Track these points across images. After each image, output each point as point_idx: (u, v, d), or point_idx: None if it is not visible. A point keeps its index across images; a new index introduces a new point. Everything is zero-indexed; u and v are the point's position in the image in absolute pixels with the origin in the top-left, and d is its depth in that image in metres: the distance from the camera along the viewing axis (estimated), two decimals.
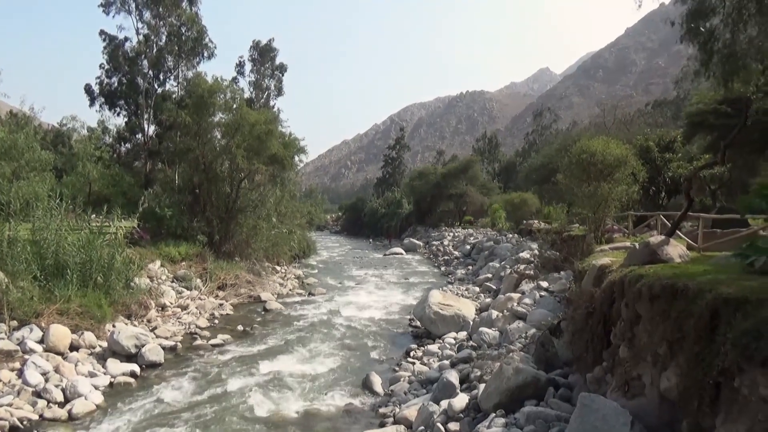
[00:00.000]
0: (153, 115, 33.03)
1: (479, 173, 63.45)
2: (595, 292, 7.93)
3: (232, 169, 24.81)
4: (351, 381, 11.50)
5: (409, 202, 65.74)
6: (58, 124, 41.56)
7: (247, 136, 23.61)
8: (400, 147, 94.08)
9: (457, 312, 15.30)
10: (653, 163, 24.01)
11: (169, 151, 29.61)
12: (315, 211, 51.27)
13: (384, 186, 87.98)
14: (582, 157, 15.37)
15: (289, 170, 28.72)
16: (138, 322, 14.68)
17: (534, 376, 7.98)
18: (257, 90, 46.88)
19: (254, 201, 25.79)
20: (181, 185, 26.62)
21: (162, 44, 33.15)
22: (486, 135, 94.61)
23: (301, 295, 22.52)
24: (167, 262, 20.15)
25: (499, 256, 27.72)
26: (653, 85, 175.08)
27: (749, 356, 3.98)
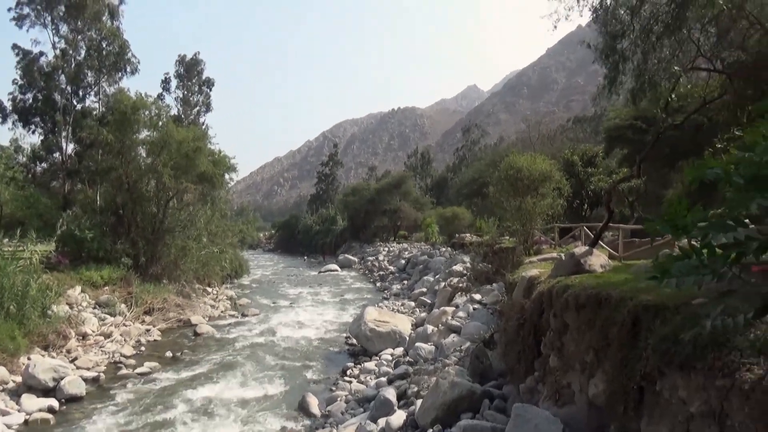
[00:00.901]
0: (72, 133, 31.39)
1: (412, 188, 64.35)
2: (526, 303, 8.15)
3: (158, 189, 23.85)
4: (286, 403, 11.23)
5: (344, 218, 65.66)
6: None
7: (175, 154, 22.83)
8: (333, 163, 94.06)
9: (393, 328, 15.31)
10: (577, 177, 25.16)
11: (90, 170, 28.18)
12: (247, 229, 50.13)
13: (318, 203, 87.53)
14: (510, 172, 15.88)
15: (219, 188, 28.00)
16: (56, 353, 13.75)
17: (469, 389, 8.06)
18: (185, 106, 45.62)
19: (183, 221, 24.88)
20: (103, 206, 25.36)
21: (81, 59, 31.70)
22: (418, 151, 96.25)
23: (233, 317, 21.87)
24: (89, 288, 19.02)
25: (433, 270, 28.07)
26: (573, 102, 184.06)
27: (669, 360, 4.17)
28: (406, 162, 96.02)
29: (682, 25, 9.01)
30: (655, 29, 8.98)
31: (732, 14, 8.82)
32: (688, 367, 3.96)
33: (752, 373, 3.30)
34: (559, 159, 24.38)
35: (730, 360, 3.52)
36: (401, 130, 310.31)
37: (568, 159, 26.37)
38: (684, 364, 4.00)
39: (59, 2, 30.47)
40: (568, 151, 28.15)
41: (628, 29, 9.21)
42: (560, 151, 28.84)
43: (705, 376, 3.72)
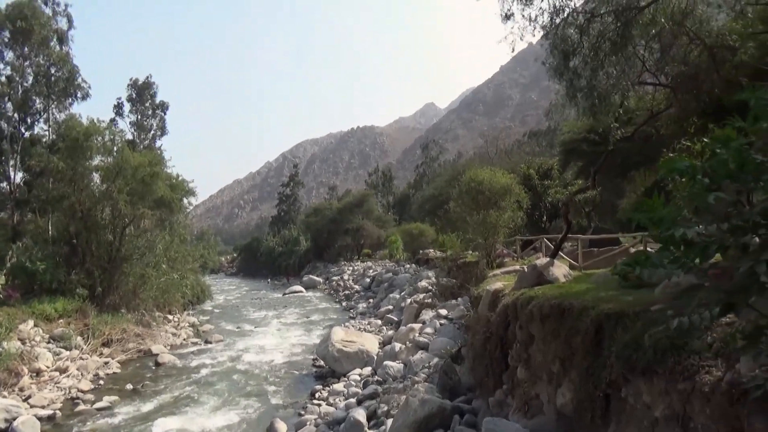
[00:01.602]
0: (20, 161, 30.27)
1: (374, 206, 64.51)
2: (491, 316, 8.22)
3: (114, 216, 23.17)
4: (254, 431, 10.96)
5: (307, 239, 65.17)
6: None
7: (130, 179, 22.29)
8: (294, 184, 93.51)
9: (361, 347, 15.20)
10: (534, 190, 25.70)
11: (40, 199, 27.17)
12: (208, 254, 49.27)
13: (280, 224, 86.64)
14: (471, 186, 16.11)
15: (177, 213, 27.41)
16: (8, 392, 13.08)
17: (440, 406, 8.04)
18: (139, 130, 44.67)
19: (141, 248, 24.20)
20: (55, 236, 24.44)
21: (28, 85, 30.73)
22: (378, 169, 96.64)
23: (196, 344, 21.31)
24: (42, 321, 18.22)
25: (399, 287, 28.08)
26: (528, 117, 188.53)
27: (632, 367, 4.26)
28: (367, 180, 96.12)
29: (628, 43, 9.39)
30: (603, 47, 9.34)
31: (673, 30, 9.24)
32: (650, 372, 4.05)
33: (711, 375, 3.40)
34: (518, 172, 24.88)
35: (690, 363, 3.62)
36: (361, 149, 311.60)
37: (525, 173, 26.94)
38: (646, 369, 4.09)
39: (3, 28, 29.55)
40: (524, 165, 28.77)
41: (578, 47, 9.54)
42: (518, 165, 29.46)
43: (667, 380, 3.81)
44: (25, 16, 28.99)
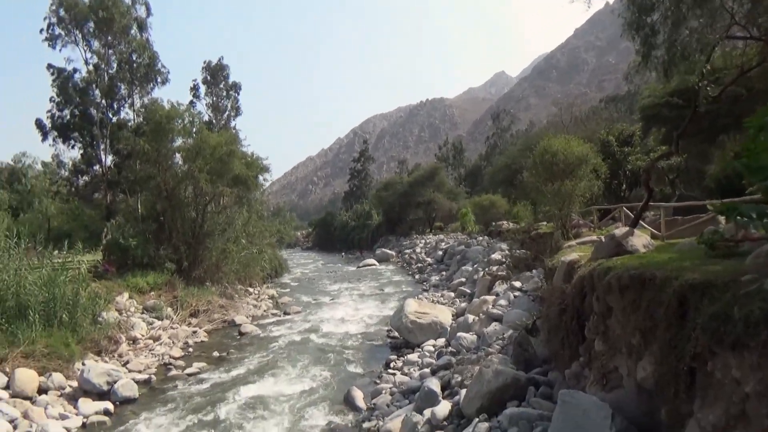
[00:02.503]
0: (110, 145, 32.34)
1: (445, 179, 63.95)
2: (566, 288, 8.02)
3: (196, 194, 24.39)
4: (332, 398, 11.36)
5: (379, 213, 65.79)
6: (12, 161, 40.36)
7: (209, 159, 23.28)
8: (364, 159, 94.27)
9: (434, 319, 15.30)
10: (613, 157, 24.59)
11: (129, 180, 28.98)
12: (284, 229, 50.76)
13: (352, 199, 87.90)
14: (545, 157, 15.64)
15: (254, 190, 28.40)
16: (109, 357, 14.22)
17: (514, 377, 8.00)
18: (215, 112, 46.40)
19: (221, 224, 25.39)
20: (144, 214, 26.04)
21: (113, 72, 32.58)
22: (448, 141, 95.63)
23: (276, 315, 22.22)
24: (135, 294, 19.62)
25: (471, 260, 27.90)
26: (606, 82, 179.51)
27: (719, 340, 4.05)
28: (437, 153, 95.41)
29: None
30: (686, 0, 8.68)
31: None
32: (740, 346, 3.84)
33: None
34: (595, 140, 23.85)
35: None
36: (431, 122, 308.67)
37: (604, 139, 25.79)
38: (736, 342, 3.88)
39: (88, 19, 31.32)
40: (604, 132, 27.53)
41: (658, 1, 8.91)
42: (595, 133, 28.19)
43: (759, 354, 3.60)
44: (106, 7, 30.62)
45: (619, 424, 5.26)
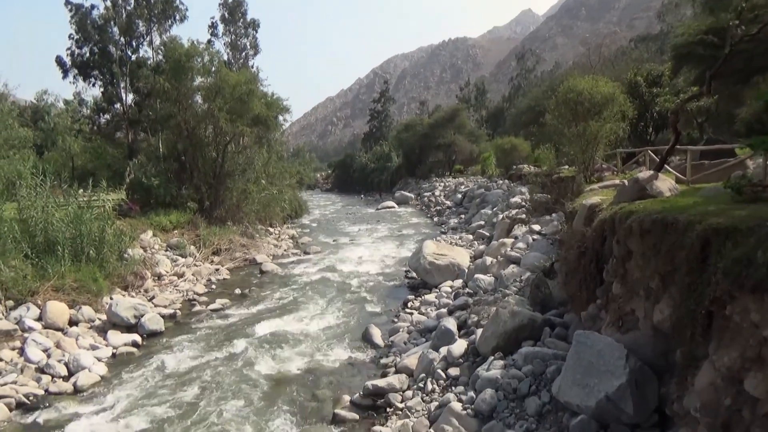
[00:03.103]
0: (129, 83, 32.27)
1: (466, 121, 62.87)
2: (587, 231, 7.97)
3: (216, 134, 24.41)
4: (351, 335, 11.67)
5: (398, 155, 65.32)
6: (35, 99, 40.58)
7: (229, 98, 23.13)
8: (385, 100, 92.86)
9: (452, 261, 15.42)
10: (641, 99, 23.84)
11: (150, 119, 29.07)
12: (304, 170, 50.88)
13: (372, 140, 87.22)
14: (569, 96, 15.23)
15: (274, 131, 28.28)
16: (135, 292, 14.70)
17: (530, 318, 8.10)
18: (233, 50, 45.75)
19: (241, 164, 25.49)
20: (165, 153, 26.21)
21: (131, 9, 32.08)
22: (470, 82, 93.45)
23: (296, 255, 22.58)
24: (159, 232, 20.05)
25: (491, 203, 27.81)
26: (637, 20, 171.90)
27: (740, 284, 4.02)
28: (458, 95, 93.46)
29: None
30: None
31: None
32: (761, 290, 3.81)
33: None
34: (623, 81, 23.07)
35: None
36: (453, 62, 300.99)
37: (632, 80, 24.92)
38: (757, 286, 3.85)
39: None
40: (632, 72, 26.58)
41: None
42: (622, 74, 27.23)
43: None
44: None
45: (633, 364, 5.33)
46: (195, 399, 8.64)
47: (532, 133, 34.05)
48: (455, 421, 6.60)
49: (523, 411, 6.42)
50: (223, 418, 7.90)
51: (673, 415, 4.99)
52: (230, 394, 8.80)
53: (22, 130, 19.12)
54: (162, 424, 7.86)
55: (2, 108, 20.54)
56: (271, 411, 8.15)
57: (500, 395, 6.76)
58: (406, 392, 8.20)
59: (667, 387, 5.28)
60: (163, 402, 8.56)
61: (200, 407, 8.33)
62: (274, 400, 8.52)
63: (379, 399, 8.11)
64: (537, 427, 6.09)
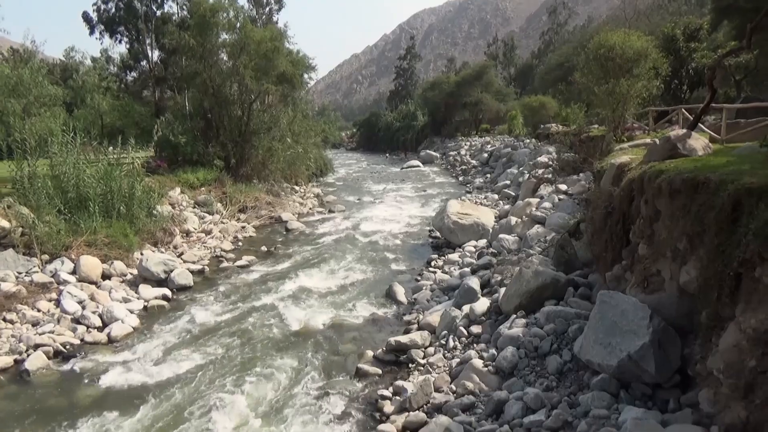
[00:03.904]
0: (155, 40, 32.20)
1: (494, 79, 61.46)
2: (614, 191, 7.83)
3: (241, 91, 24.40)
4: (374, 292, 11.82)
5: (424, 113, 64.50)
6: (63, 57, 40.85)
7: (254, 55, 22.98)
8: (411, 57, 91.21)
9: (476, 220, 15.37)
10: (676, 54, 22.95)
11: (175, 76, 29.10)
12: (329, 129, 50.68)
13: (397, 99, 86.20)
14: (600, 52, 14.74)
15: (299, 89, 28.11)
16: (164, 248, 15.05)
17: (553, 278, 8.09)
18: (256, 6, 45.03)
19: (267, 122, 25.51)
20: (192, 111, 26.34)
21: None
22: (498, 38, 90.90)
23: (321, 213, 22.76)
24: (187, 189, 20.33)
25: (517, 162, 27.48)
26: None
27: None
28: (486, 51, 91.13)
29: None
30: None
31: None
32: None
33: None
34: (658, 36, 22.17)
35: None
36: (482, 17, 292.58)
37: (669, 34, 23.93)
38: None
39: None
40: (669, 25, 25.50)
41: None
42: (658, 27, 26.16)
43: None
44: None
45: (656, 324, 5.31)
46: (223, 351, 8.92)
47: (561, 92, 33.23)
48: (476, 377, 6.71)
49: (543, 369, 6.48)
50: (249, 370, 8.16)
51: (695, 376, 4.99)
52: (257, 347, 9.06)
53: (52, 88, 19.31)
54: (191, 374, 8.15)
55: (32, 65, 20.73)
56: (297, 364, 8.38)
57: (521, 353, 6.82)
58: (428, 349, 8.34)
59: (691, 348, 5.27)
60: (193, 353, 8.87)
61: (228, 359, 8.61)
62: (300, 354, 8.75)
63: (402, 355, 8.27)
64: (557, 384, 6.16)
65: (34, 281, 10.98)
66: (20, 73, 17.04)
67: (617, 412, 5.12)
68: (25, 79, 16.80)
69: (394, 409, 6.74)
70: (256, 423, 6.79)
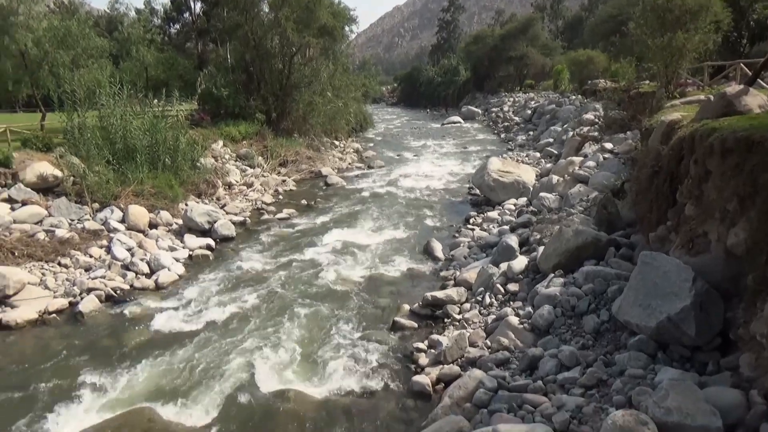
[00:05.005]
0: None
1: (540, 32, 59.25)
2: (663, 149, 7.55)
3: (282, 44, 24.28)
4: (412, 248, 11.90)
5: (466, 68, 63.05)
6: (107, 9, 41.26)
7: (295, 7, 22.75)
8: (454, 9, 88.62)
9: (517, 178, 15.15)
10: (737, 5, 21.54)
11: (218, 28, 29.11)
12: (370, 83, 50.07)
13: (439, 53, 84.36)
14: (658, 2, 13.96)
15: (340, 42, 27.81)
16: (208, 200, 15.44)
17: (594, 237, 7.95)
18: None
19: (307, 76, 25.41)
20: (233, 64, 26.42)
21: None
22: None
23: (360, 169, 22.82)
24: (229, 142, 20.63)
25: (562, 120, 26.73)
26: None
27: None
28: (533, 2, 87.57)
29: None
30: None
31: None
32: None
33: None
34: None
35: None
36: None
37: None
38: None
39: None
40: None
41: None
42: None
43: None
44: None
45: (699, 287, 5.20)
46: (263, 300, 9.20)
47: (612, 45, 31.79)
48: (511, 333, 6.75)
49: (579, 328, 6.46)
50: (289, 319, 8.41)
51: (737, 340, 4.89)
52: (296, 297, 9.31)
53: (98, 40, 19.61)
54: (234, 320, 8.48)
55: (78, 17, 21.03)
56: (335, 315, 8.59)
57: (558, 312, 6.80)
58: (464, 305, 8.40)
59: (734, 311, 5.15)
60: (235, 301, 9.19)
61: (268, 308, 8.89)
62: (338, 305, 8.95)
63: (438, 310, 8.36)
64: (593, 344, 6.14)
65: (86, 228, 11.48)
66: (68, 24, 17.33)
67: (653, 373, 5.09)
68: (73, 30, 17.09)
69: (428, 362, 6.88)
70: (295, 369, 7.05)
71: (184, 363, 7.21)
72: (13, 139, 13.99)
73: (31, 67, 16.62)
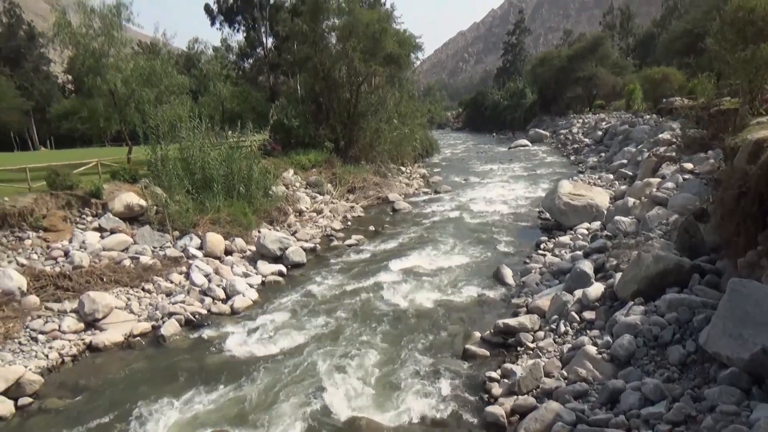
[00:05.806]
0: (269, 28, 33.74)
1: (610, 51, 57.66)
2: (750, 169, 7.13)
3: (349, 74, 24.94)
4: (482, 274, 11.74)
5: (533, 91, 62.17)
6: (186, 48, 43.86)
7: (362, 37, 23.36)
8: (520, 32, 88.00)
9: (590, 201, 14.69)
10: None
11: (288, 61, 30.29)
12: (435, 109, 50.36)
13: (505, 76, 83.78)
14: (738, 15, 13.33)
15: (405, 69, 28.18)
16: (279, 227, 15.91)
17: (677, 263, 7.56)
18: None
19: (374, 104, 25.94)
20: (303, 95, 27.34)
21: None
22: (614, 6, 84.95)
23: (427, 194, 22.85)
24: (299, 170, 21.27)
25: (635, 140, 25.78)
26: None
27: None
28: (602, 21, 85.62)
29: None
30: None
31: None
32: None
33: None
34: None
35: None
36: None
37: None
38: None
39: None
40: None
41: None
42: None
43: None
44: None
45: None
46: (334, 326, 9.32)
47: (688, 62, 30.58)
48: (589, 364, 6.48)
49: (664, 359, 6.12)
50: (359, 345, 8.47)
51: None
52: (367, 323, 9.36)
53: (180, 77, 20.90)
54: (306, 346, 8.62)
55: (162, 57, 22.50)
56: (405, 342, 8.56)
57: (639, 341, 6.48)
58: (538, 333, 8.17)
59: None
60: (307, 326, 9.36)
61: (339, 334, 8.99)
62: (408, 332, 8.93)
63: (510, 338, 8.17)
64: (679, 376, 5.79)
65: (167, 255, 12.09)
66: (153, 64, 18.56)
67: (748, 410, 4.73)
68: (157, 69, 18.28)
69: (502, 392, 6.71)
70: (367, 397, 7.05)
71: (259, 387, 7.38)
72: (103, 171, 15.05)
73: (119, 105, 17.84)
